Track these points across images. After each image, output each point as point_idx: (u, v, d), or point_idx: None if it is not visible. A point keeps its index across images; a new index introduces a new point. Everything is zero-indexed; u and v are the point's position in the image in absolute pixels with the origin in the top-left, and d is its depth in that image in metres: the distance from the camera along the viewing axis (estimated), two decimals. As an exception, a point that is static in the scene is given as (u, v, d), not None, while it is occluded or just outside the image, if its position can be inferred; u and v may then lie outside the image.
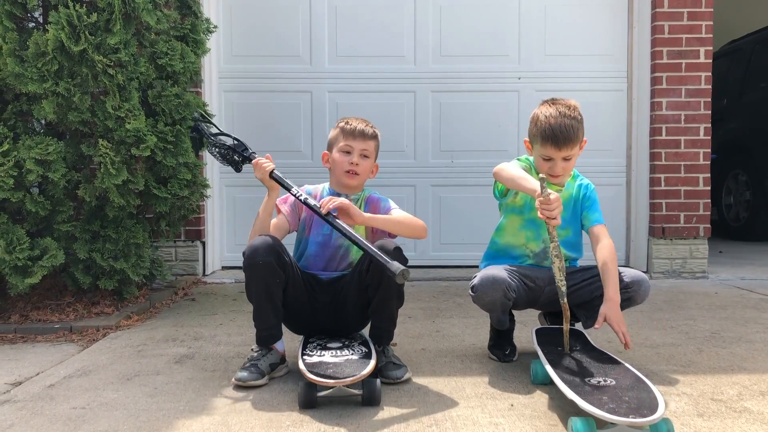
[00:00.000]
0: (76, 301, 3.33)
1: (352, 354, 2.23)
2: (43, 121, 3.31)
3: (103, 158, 3.08)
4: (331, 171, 2.53)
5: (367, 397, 2.04)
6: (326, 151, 2.57)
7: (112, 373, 2.45)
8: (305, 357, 2.19)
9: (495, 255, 2.57)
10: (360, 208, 2.41)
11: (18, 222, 3.13)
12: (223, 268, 4.71)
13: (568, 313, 2.23)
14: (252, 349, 2.38)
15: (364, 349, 2.28)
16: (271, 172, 2.43)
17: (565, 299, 2.20)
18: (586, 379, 1.97)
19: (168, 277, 3.96)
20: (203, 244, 4.49)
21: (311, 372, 2.04)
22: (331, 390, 2.03)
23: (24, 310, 3.23)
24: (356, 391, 2.05)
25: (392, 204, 2.52)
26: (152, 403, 2.12)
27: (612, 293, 2.26)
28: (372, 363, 2.11)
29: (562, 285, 2.17)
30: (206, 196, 4.00)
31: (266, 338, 2.35)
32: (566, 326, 2.24)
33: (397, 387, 2.24)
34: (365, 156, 2.49)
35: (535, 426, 1.89)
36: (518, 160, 2.50)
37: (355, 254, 2.46)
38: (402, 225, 2.41)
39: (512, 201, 2.49)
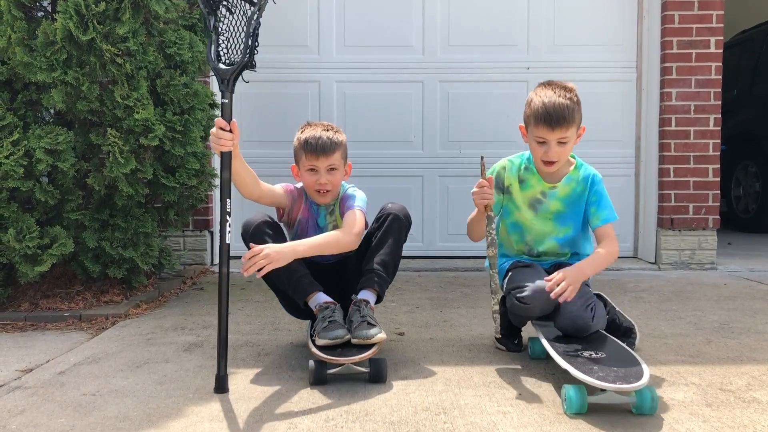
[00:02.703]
0: (86, 289, 3.35)
1: None
2: (52, 111, 3.32)
3: (111, 147, 3.09)
4: (304, 186, 2.48)
5: (374, 374, 2.13)
6: (294, 164, 2.48)
7: (122, 361, 2.46)
8: (315, 337, 2.22)
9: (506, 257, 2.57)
10: (335, 210, 2.49)
11: (28, 211, 3.14)
12: (231, 257, 4.72)
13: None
14: (317, 308, 2.28)
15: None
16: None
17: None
18: (579, 352, 2.10)
19: (176, 266, 3.97)
20: (211, 233, 4.51)
21: (321, 351, 2.13)
22: (340, 368, 2.12)
23: (34, 299, 3.25)
24: (364, 369, 2.14)
25: (356, 203, 2.43)
26: (161, 390, 2.13)
27: (582, 263, 2.27)
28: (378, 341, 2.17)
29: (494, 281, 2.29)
30: (214, 186, 4.01)
31: (309, 285, 2.31)
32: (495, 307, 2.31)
33: (405, 376, 2.24)
34: (333, 169, 2.40)
35: (543, 414, 1.90)
36: (510, 161, 2.50)
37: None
38: (325, 247, 2.33)
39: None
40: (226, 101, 2.13)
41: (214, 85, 4.42)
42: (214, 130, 2.13)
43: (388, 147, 4.69)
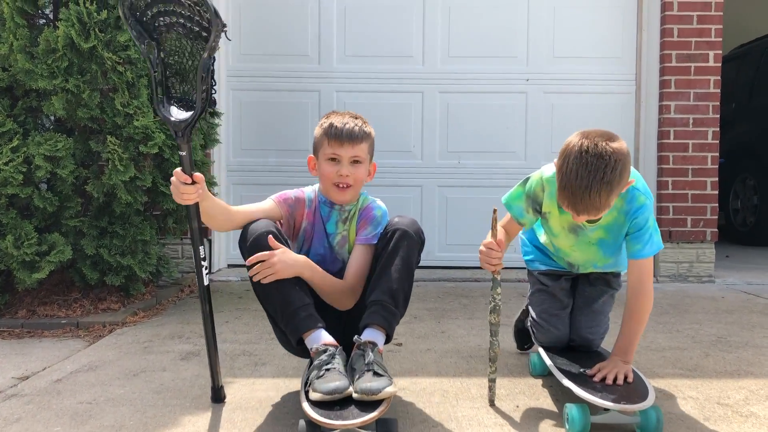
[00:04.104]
0: (83, 297, 3.34)
1: None
2: (52, 118, 3.33)
3: (111, 155, 3.09)
4: (320, 180, 2.12)
5: None
6: (312, 155, 2.14)
7: (119, 369, 2.46)
8: (309, 389, 1.80)
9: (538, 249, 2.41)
10: (352, 221, 2.13)
11: (26, 217, 3.14)
12: (229, 266, 4.72)
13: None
14: (314, 351, 1.87)
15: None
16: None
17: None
18: (582, 370, 2.05)
19: (174, 274, 3.97)
20: (209, 241, 4.50)
21: (315, 410, 1.69)
22: (337, 431, 1.70)
23: (31, 306, 3.24)
24: None
25: (375, 235, 2.09)
26: (158, 399, 2.13)
27: (617, 351, 2.06)
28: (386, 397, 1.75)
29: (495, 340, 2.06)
30: (214, 194, 4.01)
31: (306, 319, 1.92)
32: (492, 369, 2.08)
33: (403, 387, 2.24)
34: (357, 162, 2.06)
35: (541, 427, 1.89)
36: (547, 181, 2.07)
37: None
38: (327, 288, 2.06)
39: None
40: (184, 153, 1.86)
41: (214, 94, 4.42)
42: (174, 180, 1.85)
43: (388, 157, 4.69)
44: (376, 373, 1.78)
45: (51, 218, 3.19)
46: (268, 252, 1.94)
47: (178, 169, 1.84)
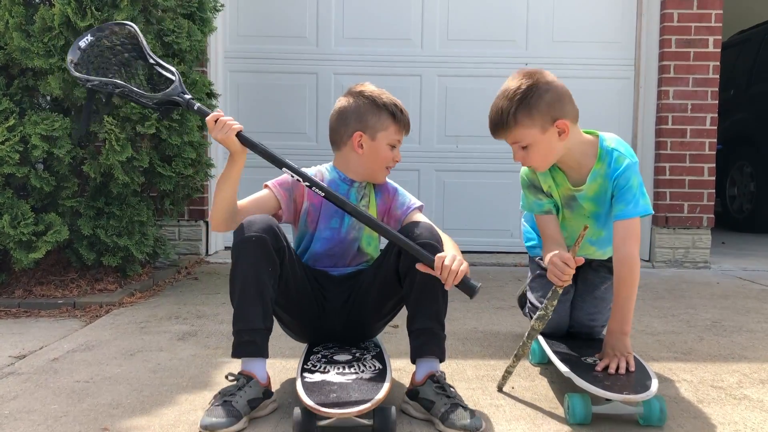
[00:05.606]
0: (80, 277, 3.34)
1: (363, 372, 1.85)
2: (48, 97, 3.30)
3: (108, 135, 3.08)
4: (360, 157, 2.03)
5: (380, 429, 1.67)
6: (361, 131, 2.02)
7: (115, 349, 2.46)
8: (305, 374, 1.82)
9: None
10: (370, 195, 2.09)
11: (23, 197, 3.13)
12: (226, 248, 4.72)
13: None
14: (227, 377, 1.84)
15: (377, 364, 1.90)
16: (239, 133, 1.90)
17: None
18: (583, 358, 2.03)
19: (171, 255, 3.96)
20: (207, 223, 4.50)
21: (311, 397, 1.67)
22: (333, 419, 1.66)
23: (28, 286, 3.24)
24: (365, 421, 1.68)
25: (413, 200, 2.11)
26: (155, 379, 2.13)
27: (614, 324, 2.02)
28: (386, 386, 1.74)
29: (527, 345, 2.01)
30: (210, 176, 4.00)
31: (247, 345, 1.83)
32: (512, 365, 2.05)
33: (400, 368, 2.24)
34: None
35: (536, 408, 1.91)
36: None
37: (372, 250, 2.11)
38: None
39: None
40: (197, 105, 2.00)
41: (212, 74, 4.40)
42: (211, 118, 1.87)
43: (385, 140, 4.68)
44: (465, 408, 1.74)
45: (48, 198, 3.18)
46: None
47: (210, 114, 1.89)
